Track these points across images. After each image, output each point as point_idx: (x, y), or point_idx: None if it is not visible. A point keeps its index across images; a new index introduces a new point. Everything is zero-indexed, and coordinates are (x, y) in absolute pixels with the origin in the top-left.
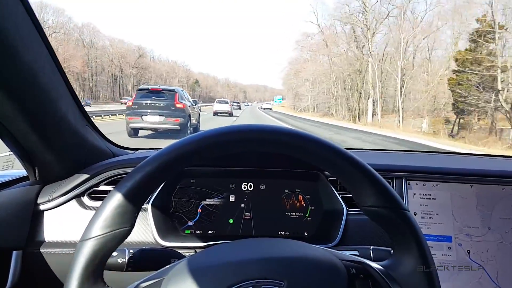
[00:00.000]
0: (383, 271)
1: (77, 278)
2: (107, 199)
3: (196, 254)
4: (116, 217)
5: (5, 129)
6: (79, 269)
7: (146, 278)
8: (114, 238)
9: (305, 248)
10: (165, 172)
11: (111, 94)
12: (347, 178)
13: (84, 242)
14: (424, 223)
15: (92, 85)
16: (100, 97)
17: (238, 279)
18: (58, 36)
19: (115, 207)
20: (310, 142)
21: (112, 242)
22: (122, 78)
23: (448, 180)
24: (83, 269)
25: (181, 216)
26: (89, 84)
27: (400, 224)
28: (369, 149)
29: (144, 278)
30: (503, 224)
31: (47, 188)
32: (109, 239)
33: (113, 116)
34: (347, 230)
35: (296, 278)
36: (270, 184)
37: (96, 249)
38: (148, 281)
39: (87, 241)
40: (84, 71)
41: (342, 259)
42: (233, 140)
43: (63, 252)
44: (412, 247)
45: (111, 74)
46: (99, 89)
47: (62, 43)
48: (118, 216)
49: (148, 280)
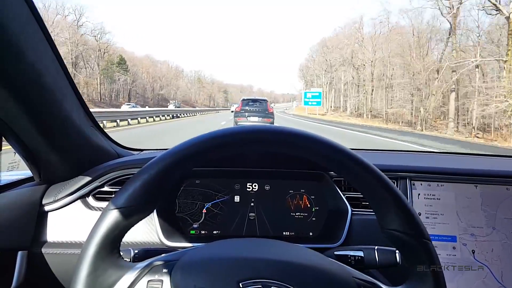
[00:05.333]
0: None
1: (95, 244)
2: (138, 174)
3: (212, 243)
4: (143, 193)
5: (10, 130)
6: (99, 236)
7: (160, 257)
8: (137, 212)
9: (321, 258)
10: (196, 159)
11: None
12: (374, 196)
13: (109, 211)
14: (429, 223)
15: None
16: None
17: (249, 276)
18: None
19: (143, 184)
20: (339, 153)
21: (134, 216)
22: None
23: (453, 180)
24: (103, 237)
25: (186, 218)
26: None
27: (420, 253)
28: (373, 149)
29: (158, 256)
30: (507, 224)
31: (52, 188)
32: (132, 212)
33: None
34: (351, 230)
35: (306, 286)
36: (275, 184)
37: (119, 220)
38: (161, 260)
39: (112, 211)
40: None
41: (355, 277)
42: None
43: (68, 253)
44: (429, 281)
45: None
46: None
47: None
48: (145, 193)
49: (162, 259)
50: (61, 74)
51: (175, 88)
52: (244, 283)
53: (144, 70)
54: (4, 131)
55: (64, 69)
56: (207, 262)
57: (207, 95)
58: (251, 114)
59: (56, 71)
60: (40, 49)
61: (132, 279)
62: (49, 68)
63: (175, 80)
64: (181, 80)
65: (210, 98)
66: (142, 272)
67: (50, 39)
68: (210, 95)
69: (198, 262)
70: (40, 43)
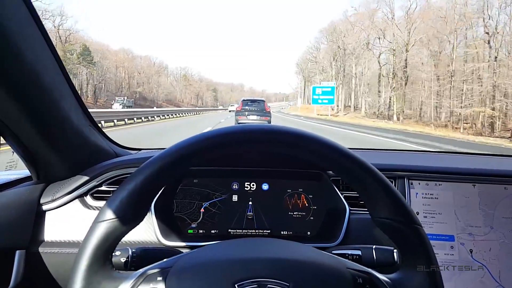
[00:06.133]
0: (390, 284)
1: (87, 258)
2: (124, 184)
3: (205, 247)
4: (131, 202)
5: (8, 129)
6: (90, 249)
7: (154, 265)
8: (126, 223)
9: (314, 253)
10: (182, 165)
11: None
12: (363, 187)
13: (98, 224)
14: (427, 222)
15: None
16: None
17: (244, 276)
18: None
19: (131, 193)
20: (327, 148)
21: (124, 226)
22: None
23: (451, 179)
24: (94, 250)
25: (184, 218)
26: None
27: (412, 239)
28: (371, 148)
29: (152, 265)
30: (505, 223)
31: (50, 188)
32: (121, 223)
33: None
34: (349, 230)
35: (302, 281)
36: (273, 184)
37: (109, 232)
38: (155, 269)
39: (101, 223)
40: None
41: (350, 268)
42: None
43: (66, 252)
44: (422, 265)
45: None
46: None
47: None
48: (132, 202)
49: (156, 267)
50: (60, 74)
51: (156, 86)
52: (239, 284)
53: (118, 64)
54: (2, 131)
55: (62, 69)
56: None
57: (194, 94)
58: (250, 113)
59: (55, 71)
60: (38, 49)
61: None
62: (48, 68)
63: (156, 76)
64: (164, 77)
65: (198, 97)
66: (137, 282)
67: (48, 39)
68: (198, 93)
69: (192, 267)
70: (38, 43)
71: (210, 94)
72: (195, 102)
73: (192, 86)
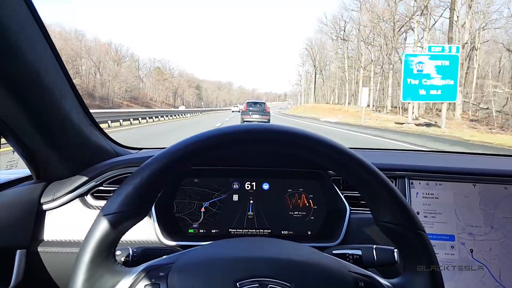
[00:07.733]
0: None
1: (90, 251)
2: (130, 178)
3: (207, 245)
4: (136, 197)
5: (9, 128)
6: (94, 242)
7: (156, 260)
8: (130, 218)
9: (316, 254)
10: (190, 160)
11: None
12: (367, 190)
13: (102, 217)
14: (427, 222)
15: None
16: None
17: (246, 275)
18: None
19: (136, 188)
20: (333, 150)
21: (128, 221)
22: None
23: (451, 179)
24: (98, 243)
25: (185, 218)
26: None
27: (415, 244)
28: (372, 148)
29: (154, 260)
30: (506, 223)
31: (51, 187)
32: (125, 218)
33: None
34: (350, 229)
35: (303, 283)
36: (273, 183)
37: (112, 226)
38: (157, 264)
39: (105, 217)
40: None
41: (352, 271)
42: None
43: (67, 251)
44: (425, 272)
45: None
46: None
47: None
48: (138, 197)
49: (158, 263)
50: (60, 73)
51: (109, 77)
52: (241, 283)
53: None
54: (3, 130)
55: (63, 69)
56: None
57: (171, 91)
58: (253, 113)
59: (55, 70)
60: (39, 48)
61: (128, 284)
62: (48, 68)
63: (113, 65)
64: (124, 67)
65: (176, 95)
66: (139, 276)
67: (49, 38)
68: (176, 90)
69: (194, 264)
70: (39, 42)
71: (193, 92)
72: (172, 101)
73: (167, 81)
